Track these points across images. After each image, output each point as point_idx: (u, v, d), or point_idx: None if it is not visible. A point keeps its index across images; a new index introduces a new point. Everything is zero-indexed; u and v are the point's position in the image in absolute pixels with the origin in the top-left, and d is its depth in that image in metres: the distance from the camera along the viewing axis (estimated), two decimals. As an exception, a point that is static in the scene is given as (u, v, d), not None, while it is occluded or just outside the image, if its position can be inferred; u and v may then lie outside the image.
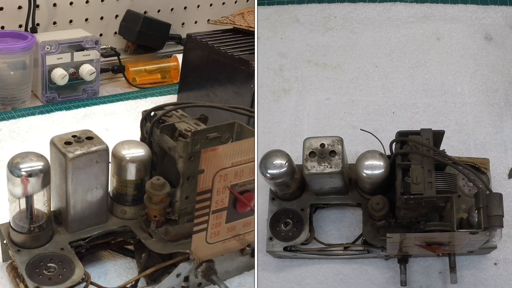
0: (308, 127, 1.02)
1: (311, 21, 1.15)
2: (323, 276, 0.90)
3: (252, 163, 0.73)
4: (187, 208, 0.81)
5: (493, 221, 0.72)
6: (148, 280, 0.80)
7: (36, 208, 0.78)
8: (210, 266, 0.78)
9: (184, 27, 1.72)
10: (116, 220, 0.85)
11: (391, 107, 1.03)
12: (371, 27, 1.12)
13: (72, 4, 1.49)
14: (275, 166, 0.83)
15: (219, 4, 1.77)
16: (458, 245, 0.80)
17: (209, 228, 0.74)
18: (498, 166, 0.95)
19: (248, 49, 1.16)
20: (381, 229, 0.83)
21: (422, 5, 1.14)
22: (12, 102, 1.31)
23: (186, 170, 0.79)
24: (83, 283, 0.75)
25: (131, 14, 1.56)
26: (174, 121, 0.84)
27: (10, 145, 1.14)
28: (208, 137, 0.79)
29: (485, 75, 1.05)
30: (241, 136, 0.82)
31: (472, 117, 1.00)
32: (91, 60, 1.36)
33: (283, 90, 1.07)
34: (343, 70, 1.08)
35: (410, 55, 1.08)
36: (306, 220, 0.88)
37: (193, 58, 1.25)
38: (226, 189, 0.73)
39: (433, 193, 0.76)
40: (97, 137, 0.81)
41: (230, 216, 0.76)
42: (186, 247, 0.78)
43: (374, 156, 0.82)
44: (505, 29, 1.09)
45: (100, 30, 1.57)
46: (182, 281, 0.79)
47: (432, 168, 0.77)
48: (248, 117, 0.93)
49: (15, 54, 1.27)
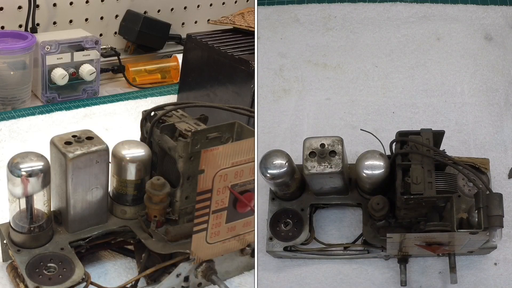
0: (308, 127, 1.02)
1: (311, 21, 1.15)
2: (323, 276, 0.90)
3: (252, 163, 0.73)
4: (187, 208, 0.81)
5: (493, 221, 0.72)
6: (148, 280, 0.80)
7: (36, 208, 0.78)
8: (210, 266, 0.78)
9: (184, 27, 1.72)
10: (116, 220, 0.85)
11: (391, 107, 1.03)
12: (371, 27, 1.12)
13: (72, 4, 1.49)
14: (275, 166, 0.83)
15: (219, 4, 1.77)
16: (458, 245, 0.80)
17: (209, 228, 0.74)
18: (498, 166, 0.95)
19: (248, 49, 1.16)
20: (381, 229, 0.83)
21: (422, 5, 1.14)
22: (12, 102, 1.31)
23: (186, 170, 0.79)
24: (83, 283, 0.75)
25: (131, 14, 1.56)
26: (174, 121, 0.84)
27: (10, 145, 1.14)
28: (208, 137, 0.79)
29: (485, 75, 1.05)
30: (241, 136, 0.82)
31: (472, 117, 1.00)
32: (91, 60, 1.36)
33: (283, 90, 1.07)
34: (343, 70, 1.08)
35: (410, 55, 1.08)
36: (306, 220, 0.88)
37: (193, 58, 1.25)
38: (226, 189, 0.73)
39: (433, 193, 0.76)
40: (97, 137, 0.81)
41: (230, 216, 0.76)
42: (186, 247, 0.78)
43: (374, 156, 0.82)
44: (505, 29, 1.09)
45: (100, 30, 1.57)
46: (182, 281, 0.79)
47: (432, 168, 0.77)
48: (248, 117, 0.93)
49: (15, 54, 1.27)
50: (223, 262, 0.82)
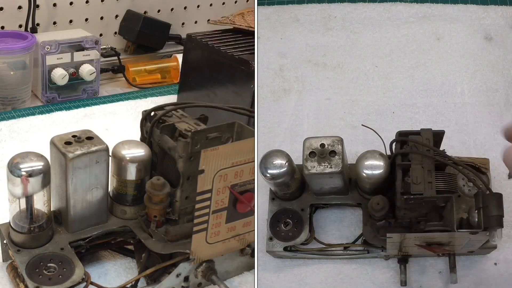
0: (308, 127, 1.02)
1: (311, 21, 1.15)
2: (323, 276, 0.90)
3: (252, 163, 0.73)
4: (187, 208, 0.81)
5: (493, 221, 0.72)
6: (148, 280, 0.80)
7: (36, 208, 0.78)
8: (210, 266, 0.78)
9: (184, 27, 1.72)
10: (116, 220, 0.85)
11: (391, 107, 1.03)
12: (371, 27, 1.12)
13: (72, 4, 1.49)
14: (275, 166, 0.83)
15: (219, 4, 1.77)
16: (458, 245, 0.80)
17: (209, 228, 0.74)
18: (498, 166, 0.94)
19: (248, 49, 1.16)
20: (381, 229, 0.83)
21: (422, 5, 1.14)
22: (12, 102, 1.31)
23: (186, 170, 0.79)
24: (83, 283, 0.75)
25: (131, 14, 1.57)
26: (174, 121, 0.84)
27: (10, 145, 1.14)
28: (208, 137, 0.79)
29: (485, 75, 1.05)
30: (241, 136, 0.82)
31: (472, 117, 1.00)
32: (91, 60, 1.36)
33: (283, 90, 1.07)
34: (343, 70, 1.08)
35: (410, 55, 1.08)
36: (306, 220, 0.88)
37: (193, 58, 1.25)
38: (226, 189, 0.73)
39: (433, 193, 0.76)
40: (97, 137, 0.81)
41: (230, 216, 0.76)
42: (186, 247, 0.78)
43: (374, 156, 0.82)
44: (505, 29, 1.09)
45: (100, 30, 1.57)
46: (182, 281, 0.79)
47: (432, 168, 0.77)
48: (248, 117, 0.93)
49: (15, 54, 1.27)
50: (223, 262, 0.82)
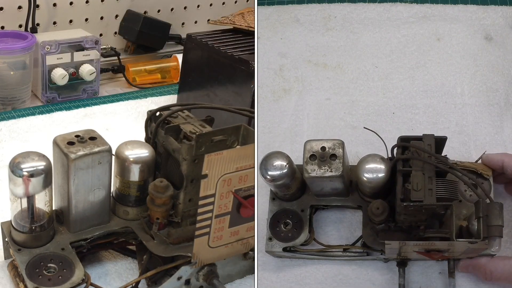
0: (308, 127, 1.02)
1: (311, 21, 1.15)
2: (322, 276, 0.90)
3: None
4: (190, 211, 0.81)
5: (492, 231, 0.71)
6: (149, 282, 0.80)
7: (37, 208, 0.78)
8: (212, 270, 0.78)
9: (184, 27, 1.72)
10: (118, 221, 0.84)
11: (391, 107, 1.03)
12: (371, 27, 1.12)
13: (72, 4, 1.49)
14: (275, 168, 0.82)
15: (219, 4, 1.77)
16: (457, 252, 0.79)
17: (212, 232, 0.74)
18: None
19: (248, 49, 1.16)
20: (381, 233, 0.83)
21: (422, 5, 1.14)
22: (12, 102, 1.31)
23: (190, 173, 0.78)
24: (83, 284, 0.75)
25: (131, 14, 1.57)
26: (179, 122, 0.83)
27: (10, 145, 1.14)
28: (213, 140, 0.78)
29: (485, 75, 1.05)
30: (247, 139, 0.81)
31: (472, 118, 1.00)
32: (91, 60, 1.36)
33: (283, 90, 1.07)
34: (343, 70, 1.08)
35: (410, 56, 1.08)
36: (306, 221, 0.88)
37: (193, 58, 1.25)
38: (230, 193, 0.72)
39: (433, 200, 0.75)
40: (100, 138, 0.80)
41: (233, 221, 0.75)
42: (188, 250, 0.77)
43: (375, 160, 0.81)
44: (505, 29, 1.09)
45: (100, 30, 1.57)
46: (183, 284, 0.78)
47: (433, 175, 0.76)
48: (248, 118, 0.93)
49: (15, 54, 1.27)
50: (226, 266, 0.81)
